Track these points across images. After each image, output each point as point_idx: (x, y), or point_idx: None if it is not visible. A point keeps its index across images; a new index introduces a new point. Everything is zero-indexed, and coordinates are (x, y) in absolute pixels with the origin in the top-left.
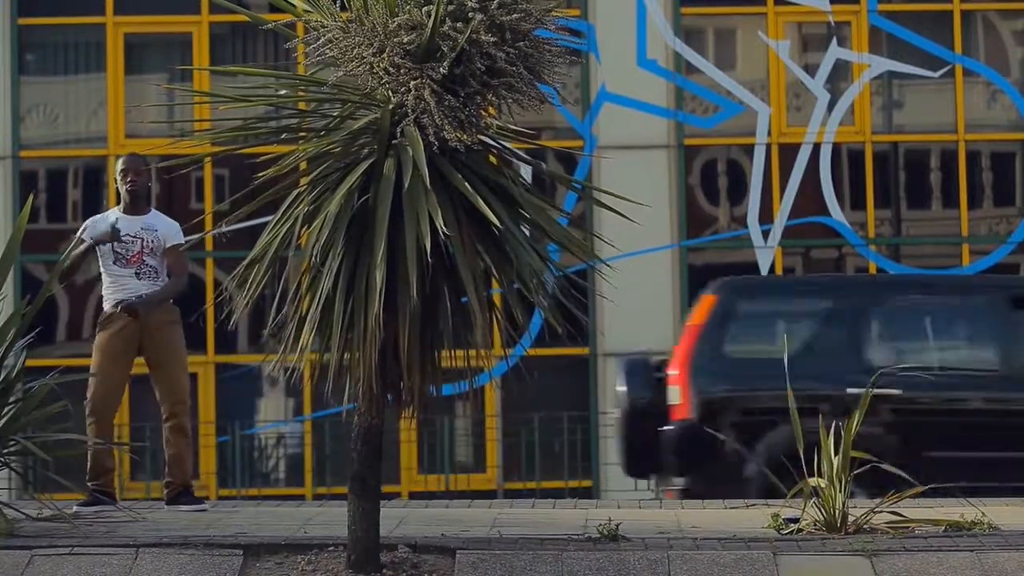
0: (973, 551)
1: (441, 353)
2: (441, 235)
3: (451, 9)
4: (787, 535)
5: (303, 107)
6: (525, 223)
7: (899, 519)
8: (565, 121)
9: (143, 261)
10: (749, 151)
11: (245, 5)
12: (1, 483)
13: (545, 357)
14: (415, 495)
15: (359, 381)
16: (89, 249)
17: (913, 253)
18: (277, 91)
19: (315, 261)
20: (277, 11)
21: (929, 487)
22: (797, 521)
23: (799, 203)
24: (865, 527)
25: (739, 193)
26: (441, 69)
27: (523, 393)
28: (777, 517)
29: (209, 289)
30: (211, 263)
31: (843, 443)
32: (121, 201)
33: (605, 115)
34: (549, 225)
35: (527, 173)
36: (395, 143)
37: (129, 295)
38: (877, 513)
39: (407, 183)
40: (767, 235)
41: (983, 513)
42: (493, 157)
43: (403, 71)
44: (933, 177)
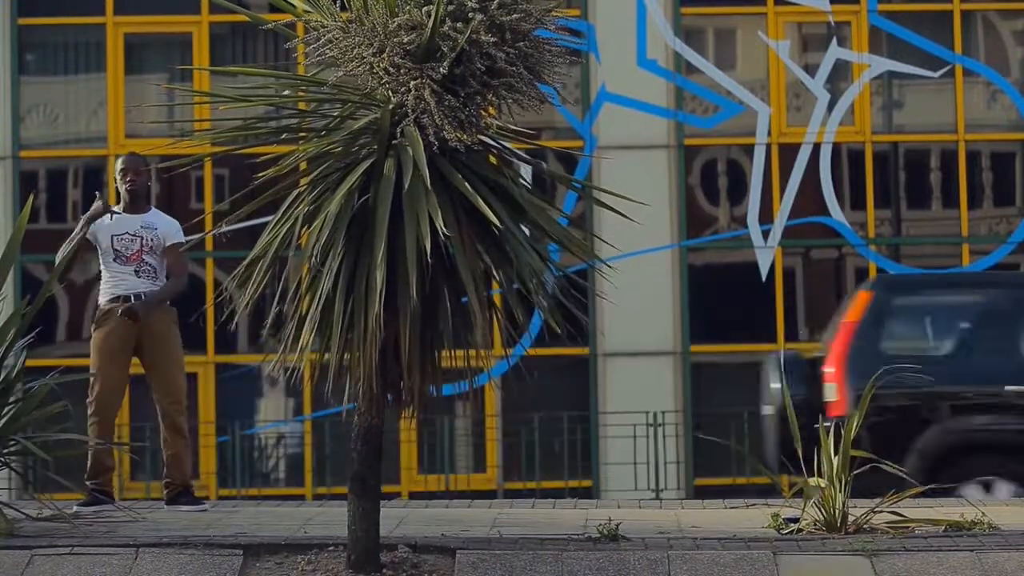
0: (973, 551)
1: (441, 353)
2: (441, 235)
3: (451, 9)
4: (787, 535)
5: (303, 107)
6: (525, 223)
7: (899, 519)
8: (565, 121)
9: (142, 259)
10: (749, 151)
11: (245, 5)
12: (1, 483)
13: (545, 357)
14: (415, 495)
15: (359, 381)
16: (86, 234)
17: (913, 253)
18: (278, 91)
19: (315, 261)
20: (277, 11)
21: (929, 487)
22: (797, 521)
23: (799, 203)
24: (865, 527)
25: (739, 193)
26: (441, 69)
27: (523, 393)
28: (777, 517)
29: (209, 289)
30: (211, 263)
31: (843, 443)
32: (121, 200)
33: (605, 115)
34: (549, 225)
35: (527, 173)
36: (395, 143)
37: (127, 291)
38: (877, 513)
39: (407, 183)
40: (767, 235)
41: (983, 513)
42: (493, 157)
43: (403, 71)
44: (933, 177)
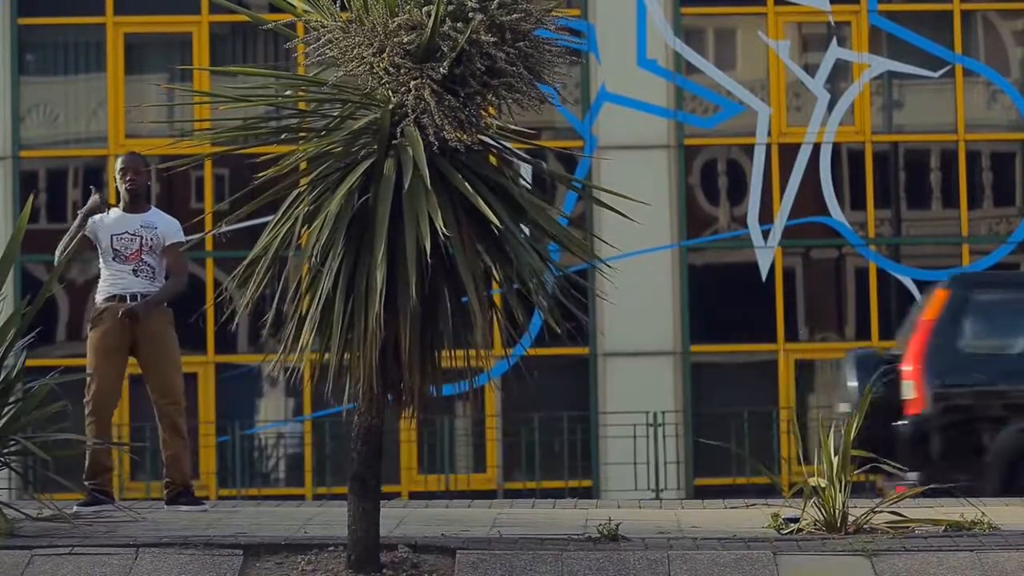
0: (973, 551)
1: (441, 353)
2: (441, 235)
3: (451, 9)
4: (787, 535)
5: (303, 107)
6: (525, 223)
7: (899, 519)
8: (565, 121)
9: (141, 259)
10: (749, 151)
11: (245, 5)
12: (1, 483)
13: (545, 357)
14: (415, 495)
15: (359, 381)
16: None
17: (913, 253)
18: (278, 91)
19: (315, 261)
20: (277, 11)
21: (929, 487)
22: (797, 521)
23: (799, 203)
24: (865, 527)
25: (739, 193)
26: (441, 69)
27: (523, 393)
28: (777, 517)
29: (209, 289)
30: (211, 263)
31: (843, 443)
32: (120, 200)
33: (605, 115)
34: (549, 225)
35: (527, 173)
36: (395, 143)
37: (123, 291)
38: (877, 513)
39: (407, 183)
40: (767, 235)
41: (983, 513)
42: (493, 157)
43: (403, 71)
44: (933, 177)
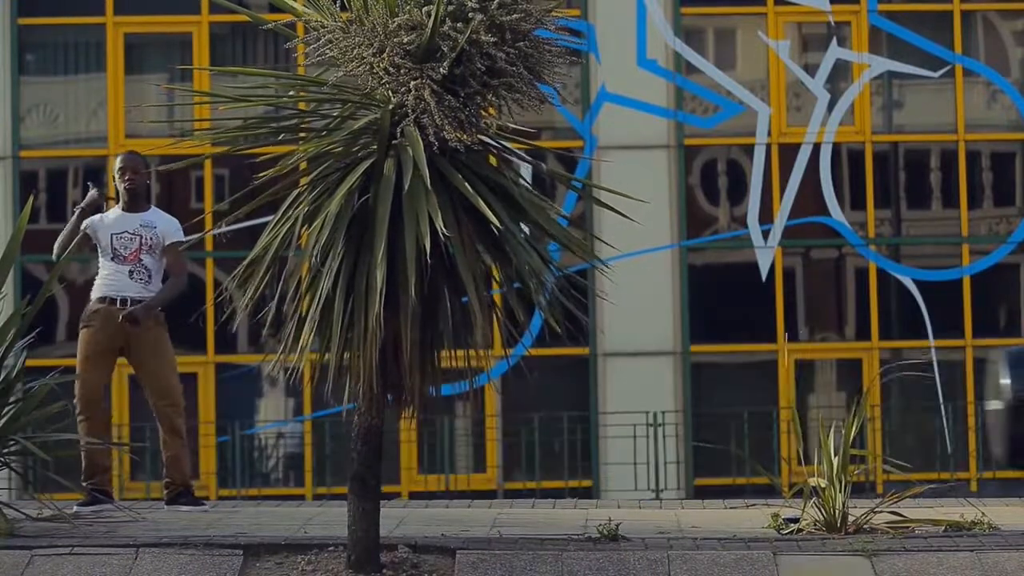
0: (973, 551)
1: (441, 353)
2: (441, 235)
3: (451, 9)
4: (787, 535)
5: (303, 107)
6: (525, 223)
7: (899, 519)
8: (565, 121)
9: (139, 259)
10: (749, 151)
11: (245, 5)
12: (1, 483)
13: (545, 357)
14: (415, 495)
15: (359, 381)
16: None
17: (913, 253)
18: (278, 91)
19: (315, 261)
20: (277, 11)
21: (929, 487)
22: (797, 521)
23: (799, 203)
24: (865, 527)
25: (739, 193)
26: (441, 69)
27: (523, 393)
28: (777, 517)
29: (209, 289)
30: (211, 263)
31: (843, 443)
32: (120, 199)
33: (605, 115)
34: (549, 225)
35: (527, 173)
36: (395, 143)
37: (115, 294)
38: (877, 513)
39: (407, 183)
40: (767, 235)
41: (983, 513)
42: (493, 157)
43: (403, 71)
44: (933, 177)
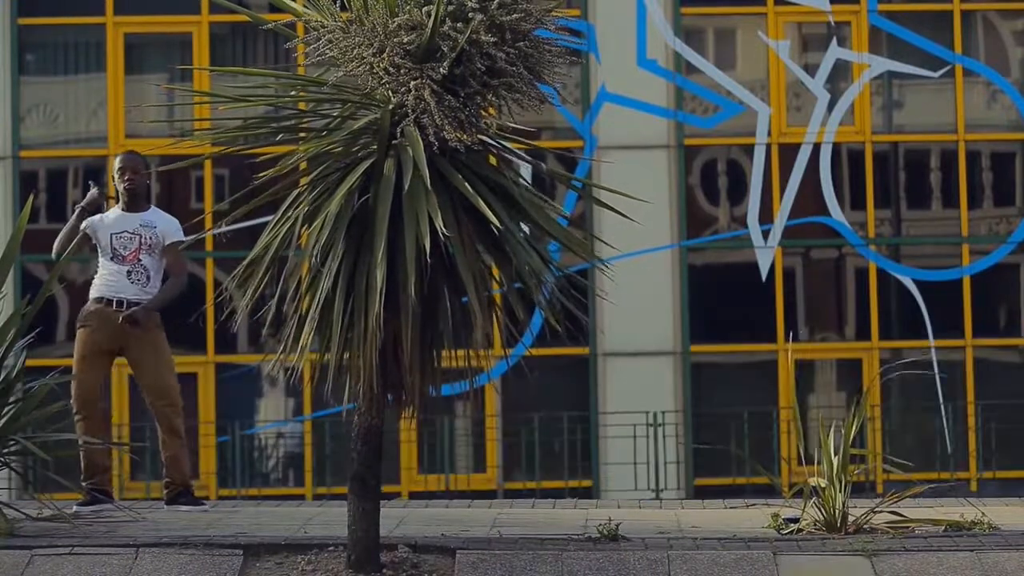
0: (973, 551)
1: (441, 353)
2: (441, 235)
3: (451, 9)
4: (787, 535)
5: (303, 107)
6: (525, 223)
7: (899, 519)
8: (565, 121)
9: (139, 259)
10: (749, 151)
11: (245, 5)
12: (1, 483)
13: (545, 357)
14: (415, 495)
15: (359, 381)
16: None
17: (913, 253)
18: (278, 91)
19: (315, 261)
20: (277, 11)
21: (929, 487)
22: (797, 521)
23: (799, 203)
24: (865, 527)
25: (739, 193)
26: (441, 69)
27: (523, 393)
28: (777, 517)
29: (209, 289)
30: (211, 263)
31: (843, 443)
32: (119, 199)
33: (605, 115)
34: (549, 225)
35: (527, 173)
36: (395, 143)
37: (113, 295)
38: (877, 513)
39: (407, 183)
40: (767, 235)
41: (983, 513)
42: (493, 157)
43: (403, 71)
44: (933, 177)
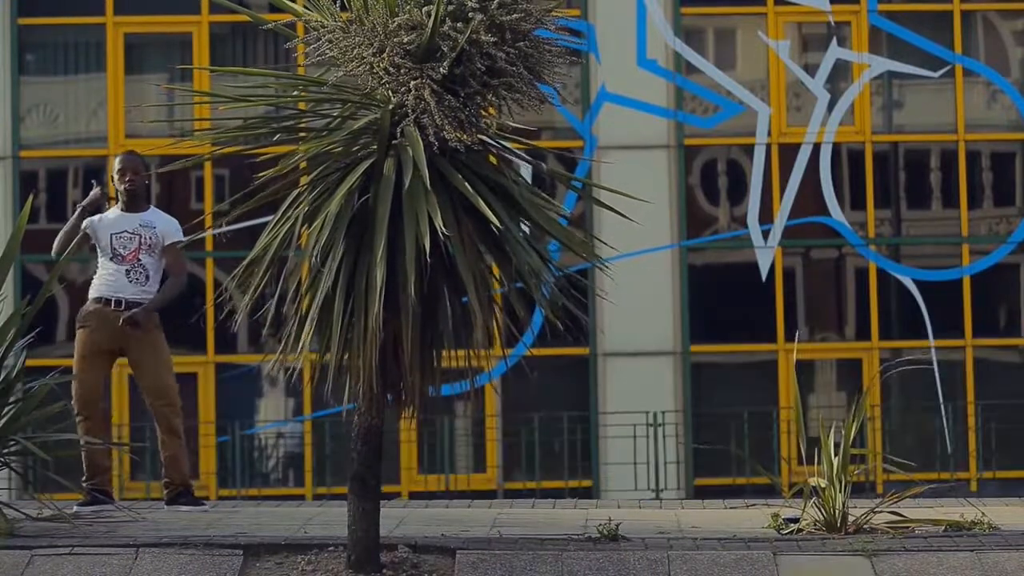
0: (973, 551)
1: (441, 353)
2: (441, 235)
3: (451, 9)
4: (787, 535)
5: (303, 107)
6: (525, 222)
7: (899, 519)
8: (565, 121)
9: (138, 259)
10: (749, 151)
11: (245, 5)
12: (1, 483)
13: (545, 357)
14: (415, 495)
15: (359, 381)
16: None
17: (913, 253)
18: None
19: (315, 261)
20: (277, 11)
21: (929, 487)
22: (797, 521)
23: (799, 203)
24: (865, 527)
25: (739, 193)
26: (441, 69)
27: (523, 393)
28: (777, 517)
29: (209, 289)
30: (211, 263)
31: (843, 443)
32: (119, 199)
33: (605, 115)
34: (549, 224)
35: (527, 173)
36: (395, 143)
37: (112, 295)
38: (877, 513)
39: (407, 183)
40: (767, 235)
41: (983, 513)
42: (493, 157)
43: (403, 71)
44: (933, 177)
